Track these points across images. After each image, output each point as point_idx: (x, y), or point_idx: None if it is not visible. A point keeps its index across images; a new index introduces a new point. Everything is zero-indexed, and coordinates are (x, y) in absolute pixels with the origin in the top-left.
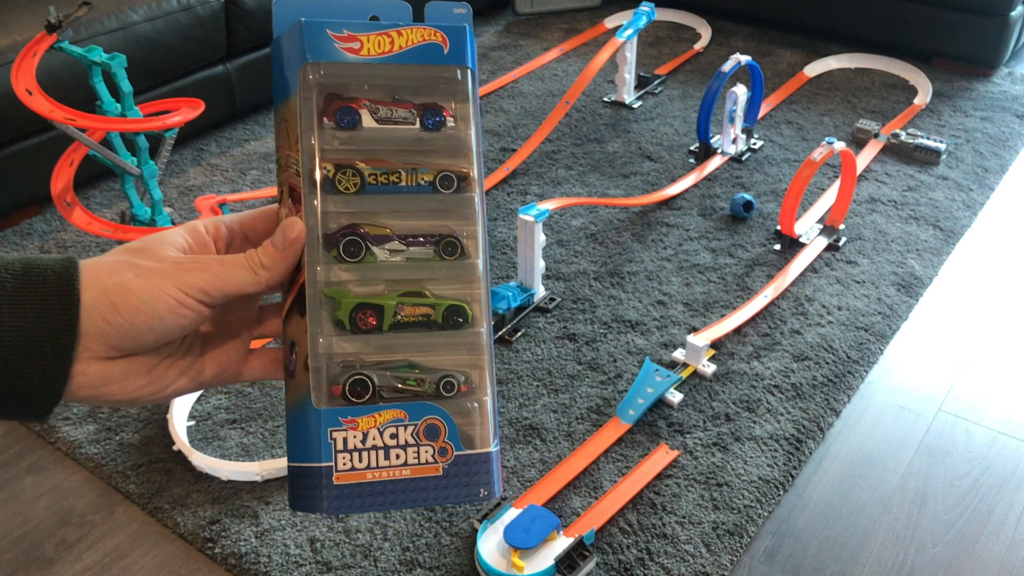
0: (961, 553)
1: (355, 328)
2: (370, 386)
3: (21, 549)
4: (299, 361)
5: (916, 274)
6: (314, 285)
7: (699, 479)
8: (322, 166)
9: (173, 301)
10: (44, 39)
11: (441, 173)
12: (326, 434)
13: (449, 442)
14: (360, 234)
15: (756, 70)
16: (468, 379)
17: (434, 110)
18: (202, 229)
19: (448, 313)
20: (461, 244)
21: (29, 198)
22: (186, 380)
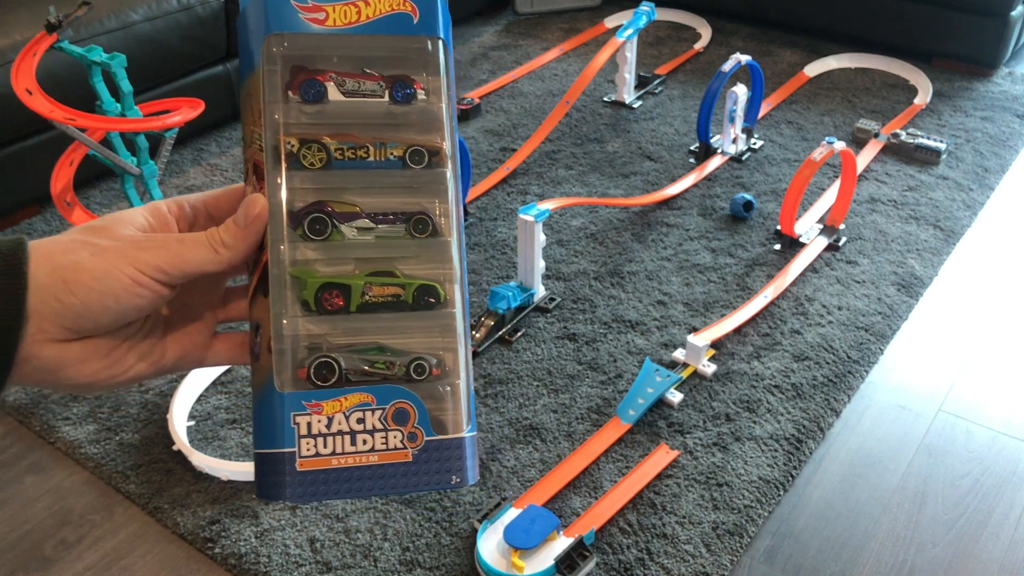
0: (961, 553)
1: (321, 309)
2: (336, 369)
3: (21, 549)
4: (263, 344)
5: (916, 274)
6: (278, 264)
7: (699, 479)
8: (286, 141)
9: (128, 280)
10: (44, 39)
11: (411, 148)
12: (289, 419)
13: (419, 427)
14: (326, 211)
15: (756, 70)
16: (441, 362)
17: (404, 82)
18: (164, 208)
19: (419, 293)
20: (433, 221)
21: (29, 198)
22: (146, 364)
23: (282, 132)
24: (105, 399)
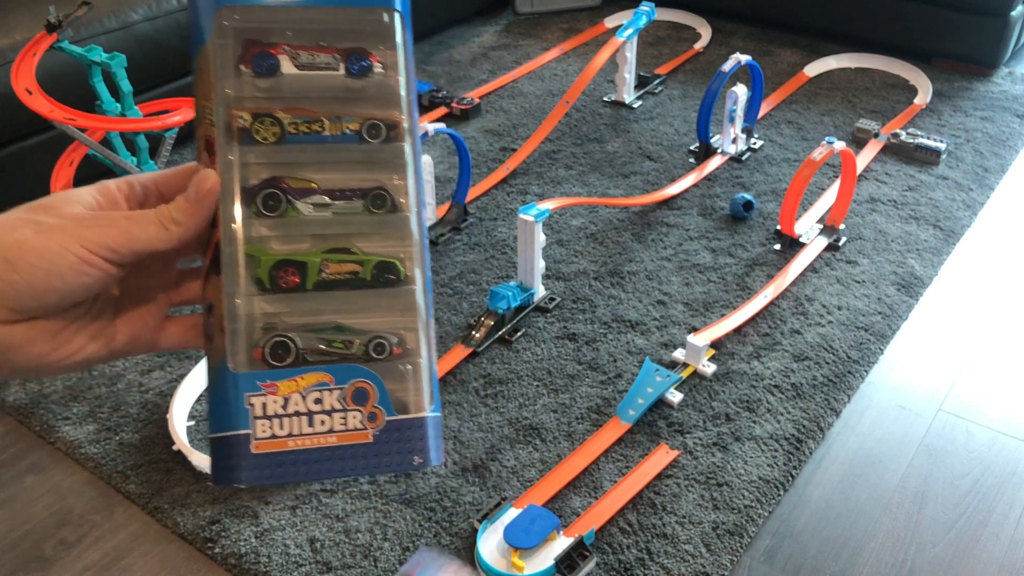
0: (961, 553)
1: (276, 287)
2: (292, 348)
3: (21, 549)
4: (217, 324)
5: (916, 274)
6: (230, 242)
7: (699, 479)
8: (238, 115)
9: (75, 258)
10: (44, 39)
11: (368, 122)
12: (243, 400)
13: (379, 407)
14: (281, 187)
15: (756, 70)
16: (402, 341)
17: (359, 55)
18: (113, 188)
19: (378, 270)
20: (391, 197)
21: (29, 198)
22: (96, 346)
23: (234, 106)
24: (105, 399)
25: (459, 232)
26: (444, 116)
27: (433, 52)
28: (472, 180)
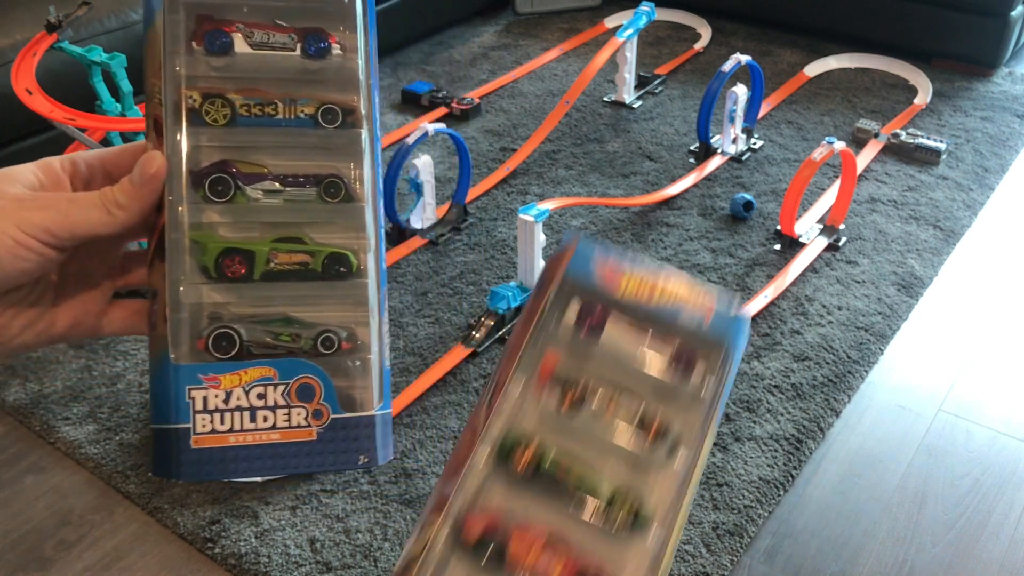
0: (961, 553)
1: (222, 276)
2: (236, 340)
3: (21, 549)
4: (160, 313)
5: (916, 274)
6: (176, 228)
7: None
8: (187, 95)
9: (12, 242)
10: (44, 39)
11: (324, 106)
12: (183, 392)
13: (325, 404)
14: (230, 172)
15: (756, 70)
16: (352, 335)
17: (317, 35)
18: (56, 165)
19: (329, 262)
20: (346, 185)
21: None
22: (34, 333)
23: (183, 85)
24: (105, 399)
25: (459, 232)
26: (444, 116)
27: (433, 52)
28: (472, 180)
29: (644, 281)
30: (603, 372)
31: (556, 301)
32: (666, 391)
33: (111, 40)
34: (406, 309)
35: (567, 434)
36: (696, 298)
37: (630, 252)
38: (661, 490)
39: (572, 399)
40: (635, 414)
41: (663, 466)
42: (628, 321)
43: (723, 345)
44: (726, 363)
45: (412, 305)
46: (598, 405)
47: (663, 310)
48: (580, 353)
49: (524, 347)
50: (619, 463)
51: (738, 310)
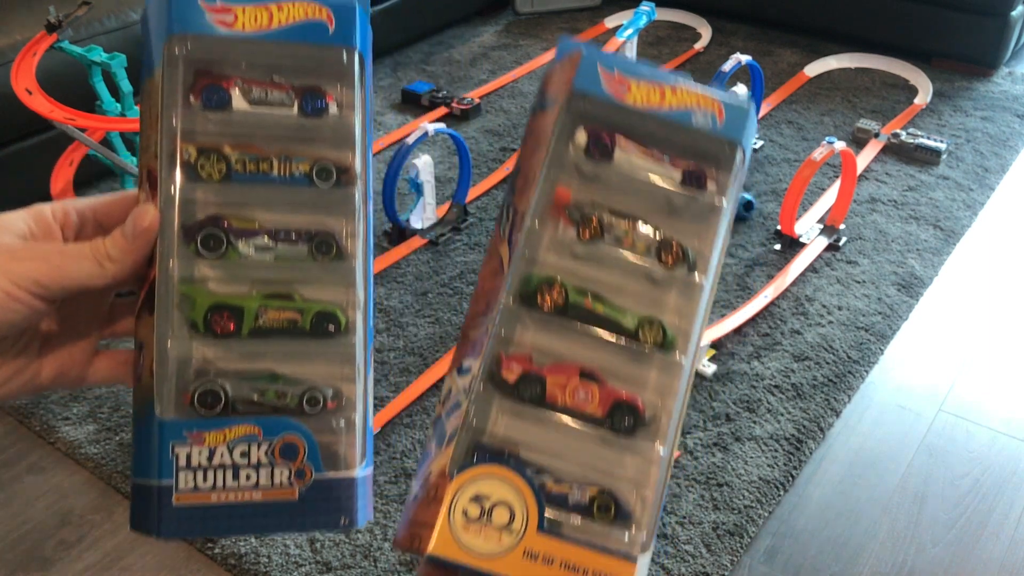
0: (961, 553)
1: (210, 331)
2: (222, 397)
3: (21, 549)
4: (146, 365)
5: (916, 274)
6: (166, 282)
7: (699, 479)
8: (183, 148)
9: (1, 294)
10: (44, 39)
11: (318, 164)
12: (168, 449)
13: (308, 464)
14: (222, 227)
15: (756, 70)
16: (337, 394)
17: (315, 94)
18: (48, 214)
19: (318, 319)
20: (338, 243)
21: (28, 198)
22: (18, 383)
23: (179, 139)
24: (105, 399)
25: (459, 232)
26: (444, 116)
27: (433, 52)
28: (472, 180)
29: (653, 88)
30: (617, 198)
31: (565, 122)
32: (681, 206)
33: (111, 40)
34: (406, 309)
35: (588, 267)
36: (705, 100)
37: (634, 60)
38: (685, 310)
39: (590, 232)
40: (653, 241)
41: (685, 285)
42: (638, 141)
43: (738, 142)
44: (743, 161)
45: (412, 305)
46: (615, 235)
47: (675, 113)
48: (592, 179)
49: (539, 179)
50: (641, 290)
51: (746, 104)
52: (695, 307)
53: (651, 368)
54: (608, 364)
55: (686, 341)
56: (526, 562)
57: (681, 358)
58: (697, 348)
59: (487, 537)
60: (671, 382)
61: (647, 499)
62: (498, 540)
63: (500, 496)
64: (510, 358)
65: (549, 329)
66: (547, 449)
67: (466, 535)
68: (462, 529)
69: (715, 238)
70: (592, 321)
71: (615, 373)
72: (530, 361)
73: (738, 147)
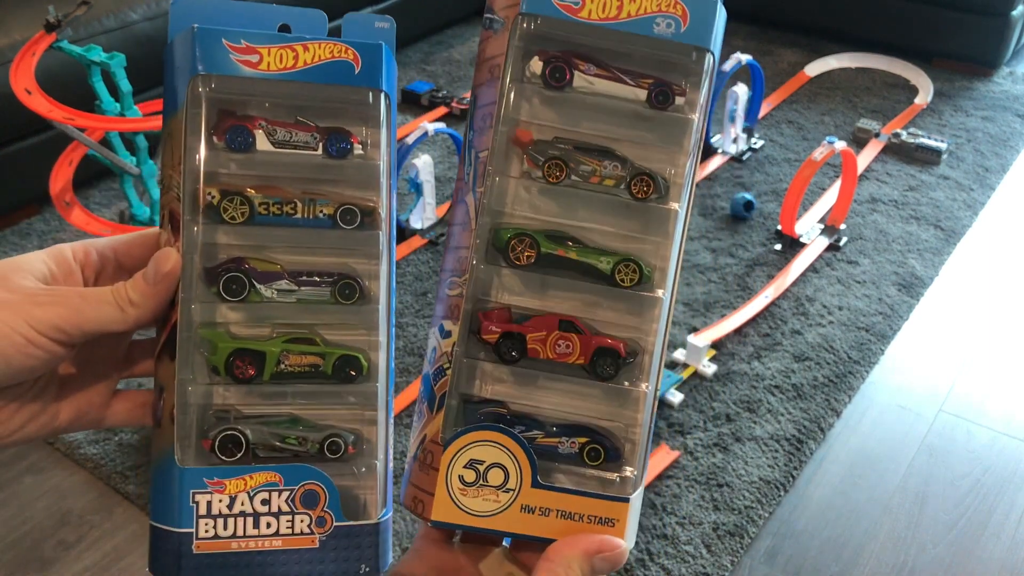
0: (962, 553)
1: (231, 376)
2: (243, 443)
3: (21, 549)
4: (166, 409)
5: (917, 274)
6: (188, 327)
7: (699, 480)
8: (206, 191)
9: (22, 339)
10: (43, 38)
11: (343, 206)
12: (188, 496)
13: (328, 511)
14: (244, 269)
15: (756, 69)
16: (358, 439)
17: (340, 135)
18: (69, 255)
19: (340, 364)
20: (361, 287)
21: (28, 198)
22: (37, 426)
23: (202, 181)
24: None
25: None
26: (444, 116)
27: (433, 52)
28: None
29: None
30: (581, 131)
31: (517, 51)
32: (649, 129)
33: (110, 40)
34: (406, 309)
35: (557, 212)
36: (666, 4)
37: None
38: (661, 241)
39: (556, 173)
40: (622, 173)
41: (658, 216)
42: (598, 61)
43: (705, 47)
44: (713, 67)
45: (412, 305)
46: (582, 173)
47: (635, 23)
48: (553, 112)
49: (497, 122)
50: (614, 228)
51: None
52: (670, 237)
53: (631, 308)
54: (587, 310)
55: (663, 275)
56: (524, 516)
57: (659, 292)
58: (676, 277)
59: (485, 498)
60: (651, 319)
61: (635, 439)
62: (495, 499)
63: (493, 459)
64: (488, 318)
65: (524, 283)
66: (534, 403)
67: (464, 498)
68: (460, 493)
69: (687, 158)
70: (567, 268)
71: (595, 318)
72: (508, 318)
73: (706, 52)
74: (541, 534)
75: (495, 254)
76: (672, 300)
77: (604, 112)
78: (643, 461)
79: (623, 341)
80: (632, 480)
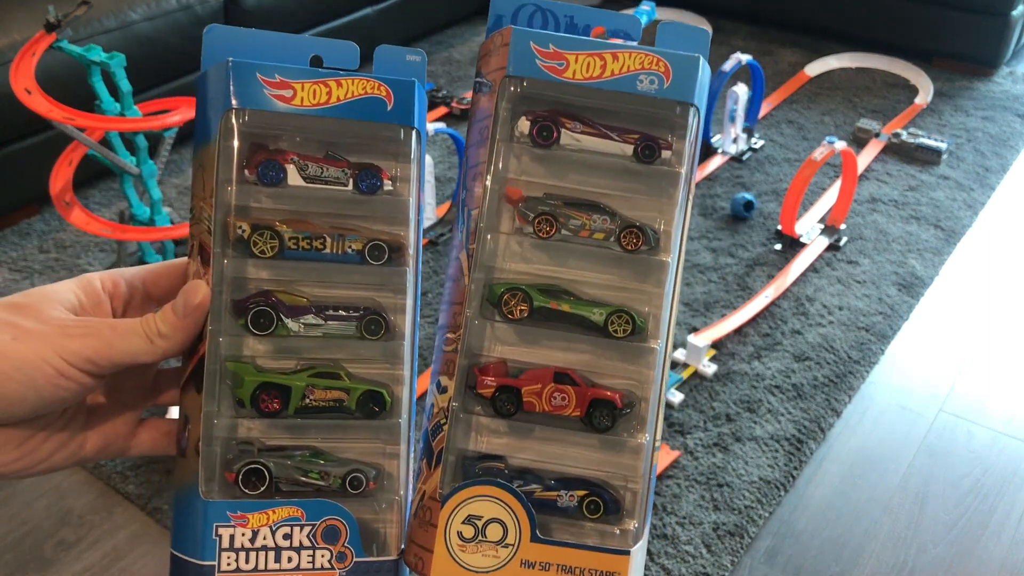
0: (962, 554)
1: (257, 410)
2: (266, 476)
3: (21, 549)
4: (191, 441)
5: (917, 274)
6: (215, 360)
7: (700, 480)
8: (237, 224)
9: (52, 371)
10: (43, 38)
11: (371, 242)
12: (211, 530)
13: (349, 547)
14: (272, 303)
15: (757, 69)
16: (380, 474)
17: (370, 171)
18: (98, 285)
19: (364, 399)
20: (387, 322)
21: (28, 198)
22: (64, 455)
23: (233, 215)
24: None
25: None
26: (444, 116)
27: (433, 52)
28: None
29: (592, 58)
30: (569, 187)
31: (505, 112)
32: (637, 182)
33: (110, 40)
34: None
35: (549, 266)
36: (650, 60)
37: (565, 34)
38: (652, 292)
39: (546, 229)
40: (611, 227)
41: (649, 267)
42: (584, 119)
43: (689, 100)
44: (698, 120)
45: None
46: (572, 227)
47: (618, 81)
48: (541, 169)
49: (487, 180)
50: (606, 280)
51: (694, 56)
52: (662, 287)
53: (625, 358)
54: (582, 362)
55: (657, 324)
56: (524, 571)
57: (653, 343)
58: (670, 328)
59: (484, 554)
60: (646, 369)
61: (635, 490)
62: (495, 555)
63: (491, 514)
64: (484, 373)
65: (518, 337)
66: (532, 456)
67: (463, 555)
68: (459, 550)
69: (675, 210)
70: (561, 321)
71: (590, 370)
72: (504, 372)
73: (690, 107)
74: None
75: (490, 309)
76: (668, 349)
77: (592, 168)
78: (644, 513)
79: (619, 392)
80: (633, 532)
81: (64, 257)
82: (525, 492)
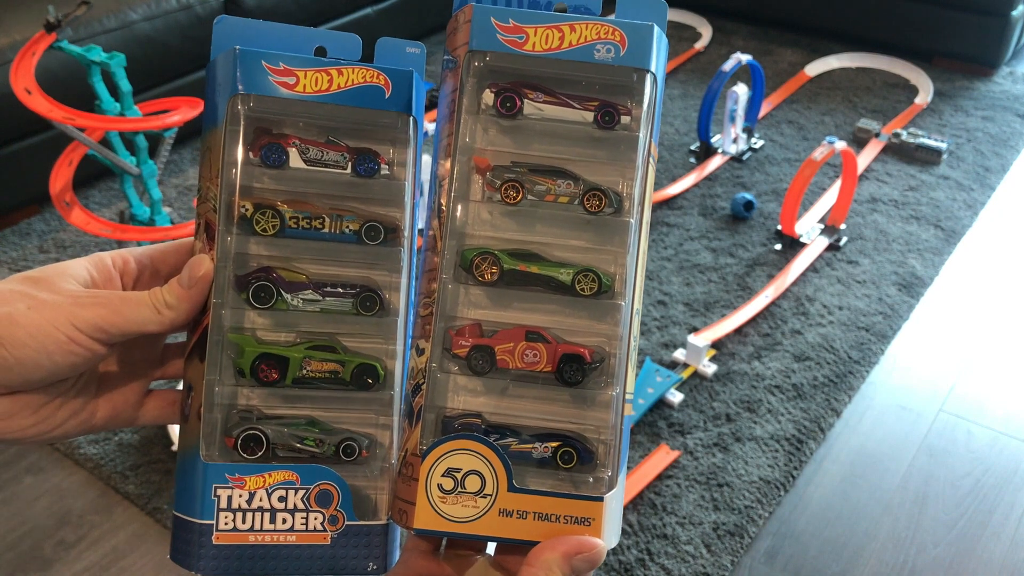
0: (962, 554)
1: (256, 379)
2: (263, 442)
3: (21, 549)
4: (193, 407)
5: (917, 274)
6: (218, 330)
7: (700, 480)
8: (240, 204)
9: (64, 337)
10: (43, 38)
11: (368, 223)
12: (210, 490)
13: (341, 510)
14: (272, 279)
15: (757, 69)
16: (372, 443)
17: (368, 156)
18: (108, 262)
19: (358, 372)
20: (381, 299)
21: (28, 198)
22: (76, 422)
23: (237, 194)
24: None
25: None
26: None
27: (433, 51)
28: None
29: (551, 30)
30: (534, 154)
31: (469, 86)
32: (598, 148)
33: (110, 40)
34: None
35: (517, 230)
36: (606, 31)
37: (526, 9)
38: (617, 252)
39: (513, 195)
40: (575, 190)
41: (613, 227)
42: (545, 89)
43: (645, 67)
44: (654, 85)
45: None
46: (538, 192)
47: (576, 51)
48: (506, 139)
49: (455, 151)
50: (572, 242)
51: (648, 24)
52: (626, 247)
53: (593, 316)
54: (552, 321)
55: (623, 282)
56: (502, 519)
57: (619, 300)
58: (636, 285)
59: (464, 504)
60: (614, 326)
61: (607, 441)
62: (474, 505)
63: (470, 466)
64: (458, 334)
65: (490, 299)
66: (507, 412)
67: (444, 506)
68: (440, 501)
69: (636, 171)
70: (530, 282)
71: (561, 328)
72: (478, 332)
73: (646, 73)
74: (520, 536)
75: (463, 274)
76: (634, 305)
77: (555, 136)
78: (616, 462)
79: (589, 348)
80: (606, 480)
81: (64, 257)
82: (501, 445)
